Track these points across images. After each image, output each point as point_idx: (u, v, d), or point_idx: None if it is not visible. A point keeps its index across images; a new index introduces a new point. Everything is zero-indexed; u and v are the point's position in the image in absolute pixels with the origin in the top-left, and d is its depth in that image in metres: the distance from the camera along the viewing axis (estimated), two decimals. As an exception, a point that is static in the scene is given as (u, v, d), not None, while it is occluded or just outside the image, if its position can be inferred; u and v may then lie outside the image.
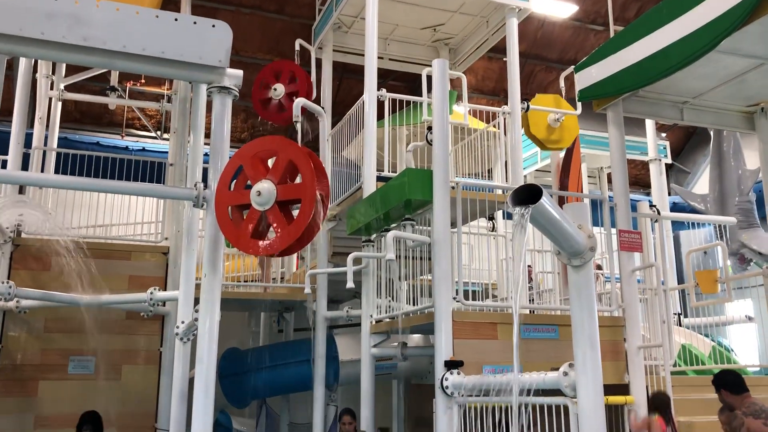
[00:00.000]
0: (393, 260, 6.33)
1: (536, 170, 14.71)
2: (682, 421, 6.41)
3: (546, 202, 3.18)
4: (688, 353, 9.52)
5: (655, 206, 10.25)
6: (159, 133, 14.72)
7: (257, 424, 11.28)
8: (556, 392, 4.59)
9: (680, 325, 11.13)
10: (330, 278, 9.45)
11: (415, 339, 9.36)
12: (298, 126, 6.89)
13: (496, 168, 11.35)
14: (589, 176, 15.07)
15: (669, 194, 15.16)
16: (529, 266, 10.81)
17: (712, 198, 12.75)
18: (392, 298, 8.03)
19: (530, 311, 7.72)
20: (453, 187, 6.60)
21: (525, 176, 15.07)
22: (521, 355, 6.51)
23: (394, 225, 7.12)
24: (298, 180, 4.86)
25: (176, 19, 5.33)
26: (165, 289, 8.32)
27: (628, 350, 6.85)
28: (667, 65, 6.43)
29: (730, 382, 5.02)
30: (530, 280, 10.54)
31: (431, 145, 6.43)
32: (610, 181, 16.19)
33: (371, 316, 7.86)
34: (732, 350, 13.27)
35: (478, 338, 6.35)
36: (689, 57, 6.18)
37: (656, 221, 10.08)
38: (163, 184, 9.67)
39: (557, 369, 4.54)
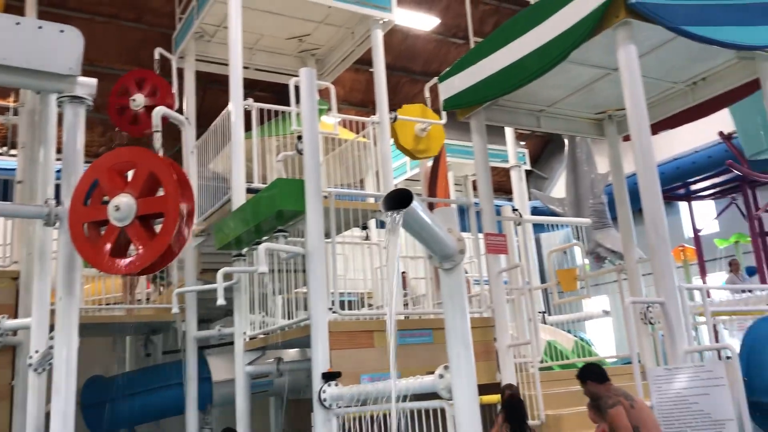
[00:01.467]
0: (266, 273, 6.18)
1: (406, 179, 15.01)
2: (550, 415, 6.69)
3: (417, 206, 3.20)
4: (553, 349, 10.02)
5: (517, 210, 10.74)
6: (5, 148, 13.59)
7: (125, 455, 10.62)
8: (433, 396, 4.64)
9: (545, 323, 11.69)
10: (200, 297, 9.09)
11: (292, 353, 9.20)
12: (158, 136, 6.57)
13: (368, 178, 11.45)
14: (456, 184, 15.58)
15: (529, 199, 15.95)
16: (403, 273, 10.96)
17: (568, 201, 13.51)
18: (266, 314, 7.84)
19: (405, 317, 7.80)
20: (325, 197, 6.55)
21: (396, 185, 15.31)
22: (398, 361, 6.58)
23: (265, 237, 6.96)
24: (160, 193, 4.63)
25: (18, 23, 4.93)
26: (16, 317, 7.65)
27: (499, 349, 7.09)
28: (524, 75, 6.74)
29: (595, 373, 5.29)
30: (405, 286, 10.68)
31: (302, 154, 6.34)
32: (475, 188, 16.82)
33: (245, 333, 7.63)
34: (591, 344, 14.14)
35: (355, 347, 6.33)
36: (543, 67, 6.51)
37: (519, 224, 10.56)
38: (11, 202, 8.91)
39: (433, 372, 4.60)
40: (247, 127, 8.30)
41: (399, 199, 3.15)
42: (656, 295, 5.52)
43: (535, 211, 17.25)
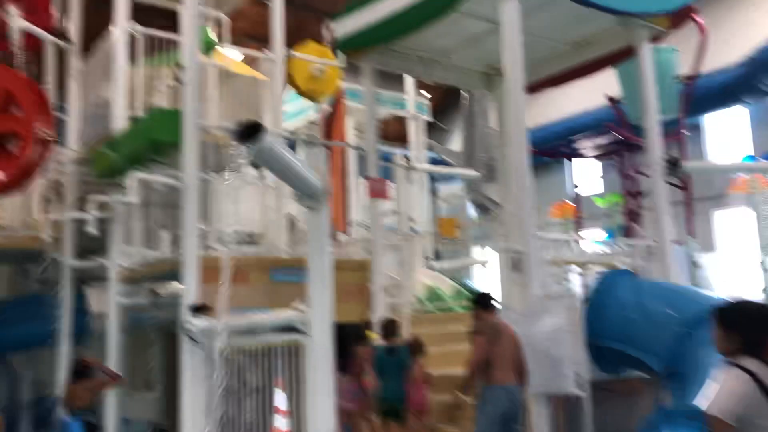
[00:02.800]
0: (135, 203, 6.06)
1: (309, 122, 14.84)
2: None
3: (271, 140, 3.22)
4: (434, 293, 10.42)
5: (408, 158, 10.94)
6: None
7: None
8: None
9: (431, 269, 12.07)
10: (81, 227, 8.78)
11: (175, 287, 9.12)
12: (20, 53, 6.17)
13: (267, 116, 11.28)
14: (357, 130, 15.56)
15: (429, 150, 16.15)
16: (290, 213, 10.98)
17: (462, 154, 13.82)
18: (147, 246, 7.70)
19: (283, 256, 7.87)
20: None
21: (297, 128, 15.23)
22: (271, 298, 6.66)
23: (144, 168, 6.79)
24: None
25: None
26: None
27: (373, 291, 7.30)
28: (415, 20, 6.79)
29: (482, 300, 5.58)
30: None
31: (181, 84, 6.18)
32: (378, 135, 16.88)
33: (120, 264, 7.48)
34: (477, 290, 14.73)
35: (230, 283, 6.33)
36: (434, 13, 6.57)
37: (411, 172, 10.77)
38: None
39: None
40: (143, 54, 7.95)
41: (251, 132, 3.15)
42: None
43: (435, 163, 17.52)
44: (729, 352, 3.25)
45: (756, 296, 11.29)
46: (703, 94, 13.43)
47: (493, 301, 5.57)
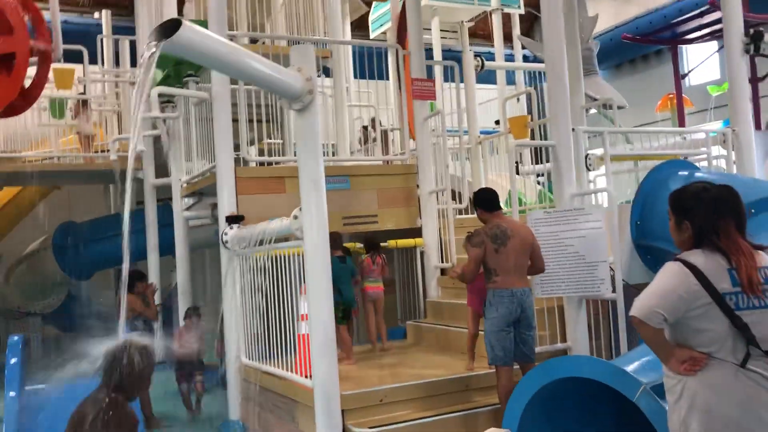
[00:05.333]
0: (158, 117, 6.12)
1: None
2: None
3: (190, 33, 3.01)
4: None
5: (479, 56, 10.29)
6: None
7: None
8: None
9: (518, 173, 11.48)
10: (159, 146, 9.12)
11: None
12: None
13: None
14: (449, 31, 14.84)
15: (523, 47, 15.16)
16: (365, 126, 10.79)
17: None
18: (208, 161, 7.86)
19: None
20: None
21: (384, 33, 14.82)
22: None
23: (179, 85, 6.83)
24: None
25: None
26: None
27: (421, 196, 7.07)
28: None
29: (482, 200, 5.05)
30: (366, 140, 10.57)
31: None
32: (472, 35, 16.02)
33: (180, 179, 7.71)
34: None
35: (266, 193, 6.37)
36: None
37: (481, 71, 10.16)
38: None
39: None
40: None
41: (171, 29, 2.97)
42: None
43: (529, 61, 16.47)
44: (682, 244, 2.77)
45: None
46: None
47: (495, 200, 5.00)
